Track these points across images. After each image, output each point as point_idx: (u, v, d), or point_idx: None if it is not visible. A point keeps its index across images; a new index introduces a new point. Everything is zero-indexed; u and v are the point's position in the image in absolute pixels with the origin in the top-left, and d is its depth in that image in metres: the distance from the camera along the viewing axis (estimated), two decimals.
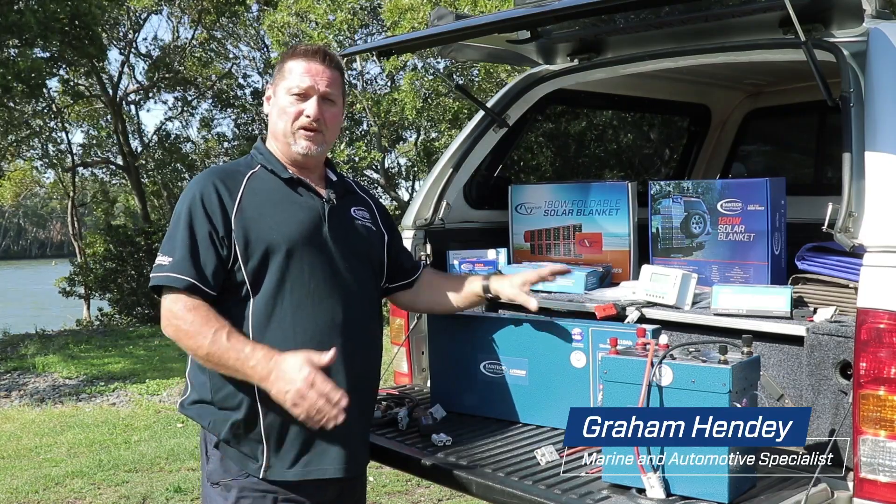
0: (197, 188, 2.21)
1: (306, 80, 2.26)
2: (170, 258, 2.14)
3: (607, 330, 2.44)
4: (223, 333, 2.08)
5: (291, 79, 2.26)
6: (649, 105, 4.58)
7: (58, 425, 6.85)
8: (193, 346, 2.09)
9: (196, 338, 2.08)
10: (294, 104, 2.26)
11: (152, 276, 2.16)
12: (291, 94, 2.26)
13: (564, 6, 2.59)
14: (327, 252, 2.24)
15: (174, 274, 2.11)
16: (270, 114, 2.33)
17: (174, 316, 2.12)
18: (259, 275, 2.17)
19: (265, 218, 2.20)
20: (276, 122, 2.30)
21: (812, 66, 2.43)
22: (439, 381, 2.87)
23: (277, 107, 2.29)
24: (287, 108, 2.27)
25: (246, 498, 2.18)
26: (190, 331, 2.09)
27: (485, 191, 3.59)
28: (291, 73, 2.27)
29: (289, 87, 2.26)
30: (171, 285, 2.11)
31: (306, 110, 2.26)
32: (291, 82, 2.26)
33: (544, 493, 2.10)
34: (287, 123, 2.27)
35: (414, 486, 5.06)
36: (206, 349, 2.07)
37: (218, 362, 2.09)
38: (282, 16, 12.63)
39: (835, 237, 2.15)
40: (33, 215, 55.59)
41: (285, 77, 2.28)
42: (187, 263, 2.12)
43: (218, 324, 2.09)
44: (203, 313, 2.10)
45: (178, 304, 2.11)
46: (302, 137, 2.27)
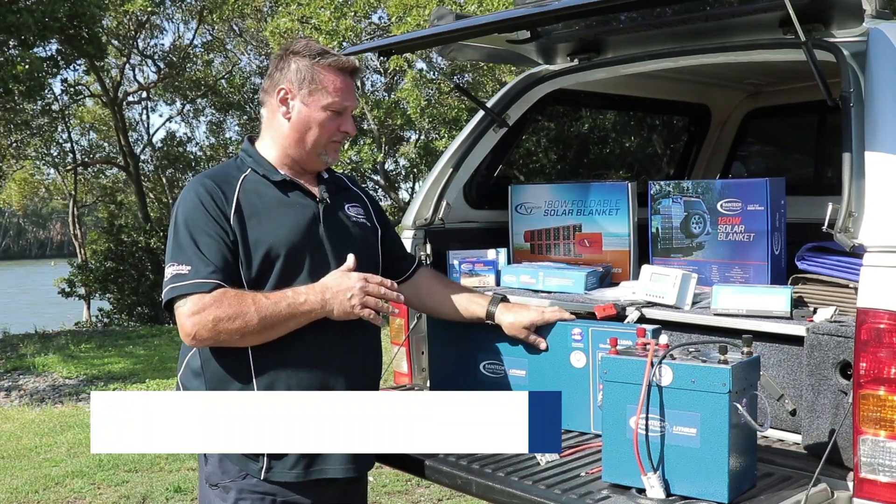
0: (193, 193, 2.19)
1: (348, 100, 2.27)
2: (188, 266, 2.09)
3: (607, 330, 2.44)
4: (260, 297, 2.09)
5: (332, 96, 2.24)
6: (649, 105, 4.58)
7: (58, 425, 6.84)
8: (242, 325, 2.06)
9: (242, 316, 2.05)
10: (333, 119, 2.26)
11: (173, 287, 2.09)
12: (331, 110, 2.25)
13: (564, 6, 2.59)
14: (325, 252, 2.24)
15: (199, 280, 2.08)
16: (295, 121, 2.26)
17: (204, 314, 2.06)
18: (259, 279, 2.16)
19: (262, 222, 2.19)
20: (304, 133, 2.26)
21: (812, 66, 2.43)
22: (439, 381, 2.87)
23: (311, 119, 2.25)
24: (326, 124, 2.26)
25: (245, 500, 2.17)
26: (231, 313, 2.05)
27: (485, 191, 3.59)
28: (331, 89, 2.24)
29: (329, 103, 2.24)
30: (199, 291, 2.07)
31: (343, 126, 2.28)
32: (332, 100, 2.24)
33: (544, 493, 2.10)
34: (323, 138, 2.27)
35: (414, 486, 5.07)
36: (257, 318, 2.06)
37: (274, 322, 2.08)
38: (284, 21, 12.56)
39: (835, 237, 2.15)
40: (33, 215, 55.60)
41: (322, 90, 2.24)
42: (209, 268, 2.09)
43: (249, 293, 2.09)
44: (230, 294, 2.08)
45: (203, 302, 2.06)
46: (333, 151, 2.32)
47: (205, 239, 2.13)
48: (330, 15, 12.04)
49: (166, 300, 2.12)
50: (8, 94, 10.87)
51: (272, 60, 2.35)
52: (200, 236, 2.13)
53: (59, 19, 10.98)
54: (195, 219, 2.15)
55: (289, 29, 12.35)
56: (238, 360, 2.16)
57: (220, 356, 2.17)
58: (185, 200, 2.20)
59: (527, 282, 3.14)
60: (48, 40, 11.66)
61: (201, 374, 2.20)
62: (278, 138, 2.30)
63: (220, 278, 2.09)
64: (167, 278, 2.12)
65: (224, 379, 2.17)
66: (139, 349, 10.89)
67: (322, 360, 2.20)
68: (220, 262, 2.11)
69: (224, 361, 2.17)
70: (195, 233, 2.13)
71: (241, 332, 2.07)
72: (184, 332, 2.10)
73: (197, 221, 2.15)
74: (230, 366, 2.17)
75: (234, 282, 2.13)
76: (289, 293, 2.12)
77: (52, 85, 15.59)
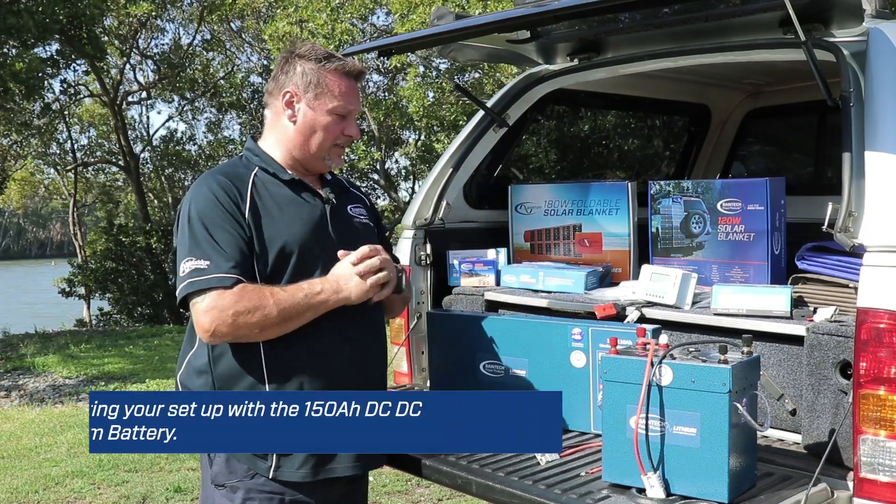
0: (207, 188, 2.18)
1: (353, 104, 2.27)
2: (207, 261, 2.08)
3: (607, 330, 2.44)
4: (277, 290, 2.10)
5: (338, 99, 2.24)
6: (649, 105, 4.58)
7: (58, 425, 6.84)
8: (261, 318, 2.06)
9: (262, 309, 2.06)
10: (337, 123, 2.27)
11: (193, 282, 2.07)
12: (336, 114, 2.25)
13: (564, 6, 2.59)
14: (335, 250, 2.24)
15: (220, 274, 2.07)
16: (300, 125, 2.27)
17: (224, 309, 2.05)
18: (273, 275, 2.16)
19: (275, 219, 2.19)
20: (309, 136, 2.27)
21: (812, 66, 2.43)
22: (439, 381, 2.88)
23: (316, 122, 2.26)
24: (331, 127, 2.26)
25: (253, 500, 2.17)
26: (251, 307, 2.05)
27: (485, 191, 3.59)
28: (337, 93, 2.24)
29: (334, 107, 2.24)
30: (220, 286, 2.06)
31: (347, 129, 2.29)
32: (338, 103, 2.24)
33: (544, 493, 2.10)
34: (328, 141, 2.27)
35: (414, 486, 5.06)
36: (276, 310, 2.07)
37: (292, 313, 2.09)
38: (282, 24, 12.55)
39: (835, 237, 2.15)
40: (33, 215, 55.61)
41: (328, 94, 2.24)
42: (230, 262, 2.09)
43: (266, 287, 2.10)
44: (249, 289, 2.08)
45: (224, 297, 2.05)
46: (337, 155, 2.33)
47: (222, 234, 2.12)
48: (326, 18, 12.03)
49: (184, 295, 2.10)
50: (7, 94, 10.86)
51: (277, 63, 2.34)
52: (217, 231, 2.12)
53: (60, 21, 10.98)
54: (210, 214, 2.14)
55: (287, 32, 12.34)
56: (250, 357, 2.16)
57: (232, 354, 2.17)
58: (199, 196, 2.18)
59: (527, 282, 3.14)
60: (48, 42, 11.65)
61: (207, 371, 2.19)
62: (283, 140, 2.30)
63: (239, 273, 2.09)
64: (184, 273, 2.10)
65: (233, 377, 2.17)
66: (139, 349, 10.88)
67: (332, 358, 2.20)
68: (238, 256, 2.11)
69: (236, 359, 2.17)
70: (211, 228, 2.12)
71: (261, 326, 2.07)
72: (201, 327, 2.08)
73: (212, 217, 2.14)
74: (242, 363, 2.16)
75: (250, 277, 2.13)
76: (304, 285, 2.13)
77: (52, 85, 15.62)
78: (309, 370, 2.17)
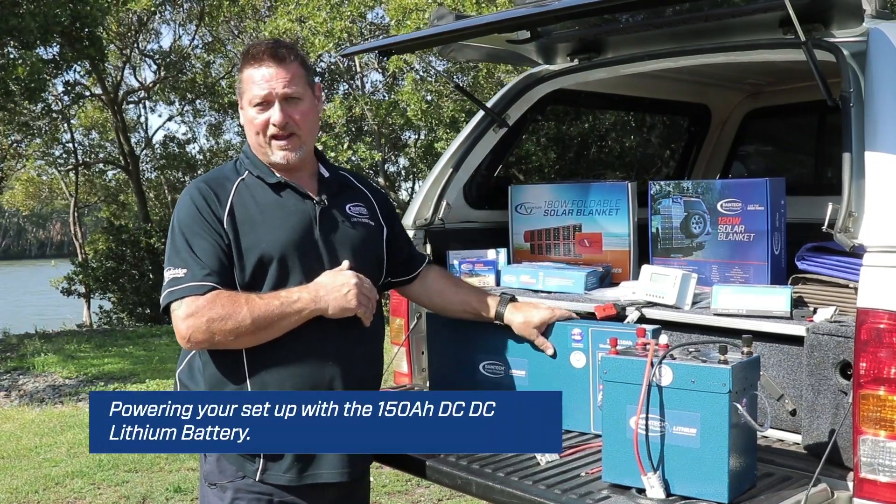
0: (189, 197, 2.21)
1: (263, 88, 2.20)
2: (184, 269, 2.10)
3: (607, 330, 2.44)
4: (253, 297, 2.09)
5: (250, 89, 2.22)
6: (649, 105, 4.58)
7: (58, 425, 6.84)
8: (234, 325, 2.06)
9: (234, 316, 2.06)
10: (259, 114, 2.23)
11: (171, 291, 2.10)
12: (254, 105, 2.23)
13: (564, 6, 2.59)
14: (319, 254, 2.23)
15: (195, 283, 2.08)
16: (244, 126, 2.31)
17: (198, 316, 2.06)
18: (253, 282, 2.16)
19: (256, 226, 2.19)
20: (249, 134, 2.29)
21: (812, 66, 2.43)
22: (439, 381, 2.87)
23: (246, 119, 2.27)
24: (254, 120, 2.24)
25: (241, 499, 2.18)
26: (224, 314, 2.05)
27: (485, 191, 3.59)
28: (248, 83, 2.23)
29: (250, 98, 2.23)
30: (194, 294, 2.08)
31: (272, 118, 2.22)
32: (251, 93, 2.22)
33: (544, 493, 2.10)
34: (259, 135, 2.25)
35: (414, 486, 5.07)
36: (250, 318, 2.06)
37: (267, 322, 2.08)
38: (283, 22, 12.56)
39: (835, 237, 2.15)
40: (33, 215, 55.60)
41: (244, 88, 2.25)
42: (204, 270, 2.10)
43: (242, 294, 2.10)
44: (224, 296, 2.08)
45: (197, 304, 2.07)
46: (277, 148, 2.25)
47: (199, 242, 2.14)
48: (326, 16, 12.04)
49: (164, 305, 2.13)
50: (8, 96, 10.86)
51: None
52: (195, 240, 2.14)
53: (61, 22, 10.98)
54: (190, 223, 2.17)
55: (287, 29, 12.35)
56: (233, 360, 2.17)
57: (217, 357, 2.18)
58: (182, 204, 2.22)
59: (527, 282, 3.14)
60: (50, 43, 11.65)
61: (202, 374, 2.21)
62: (249, 144, 2.34)
63: (214, 281, 2.10)
64: (165, 282, 2.13)
65: (220, 380, 2.18)
66: (139, 349, 10.88)
67: (315, 360, 2.19)
68: (214, 264, 2.12)
69: (220, 362, 2.18)
70: (190, 236, 2.15)
71: (235, 333, 2.07)
72: (179, 335, 2.11)
73: (191, 225, 2.16)
74: (226, 367, 2.18)
75: (229, 284, 2.13)
76: (282, 293, 2.13)
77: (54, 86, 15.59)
78: (292, 371, 2.16)
